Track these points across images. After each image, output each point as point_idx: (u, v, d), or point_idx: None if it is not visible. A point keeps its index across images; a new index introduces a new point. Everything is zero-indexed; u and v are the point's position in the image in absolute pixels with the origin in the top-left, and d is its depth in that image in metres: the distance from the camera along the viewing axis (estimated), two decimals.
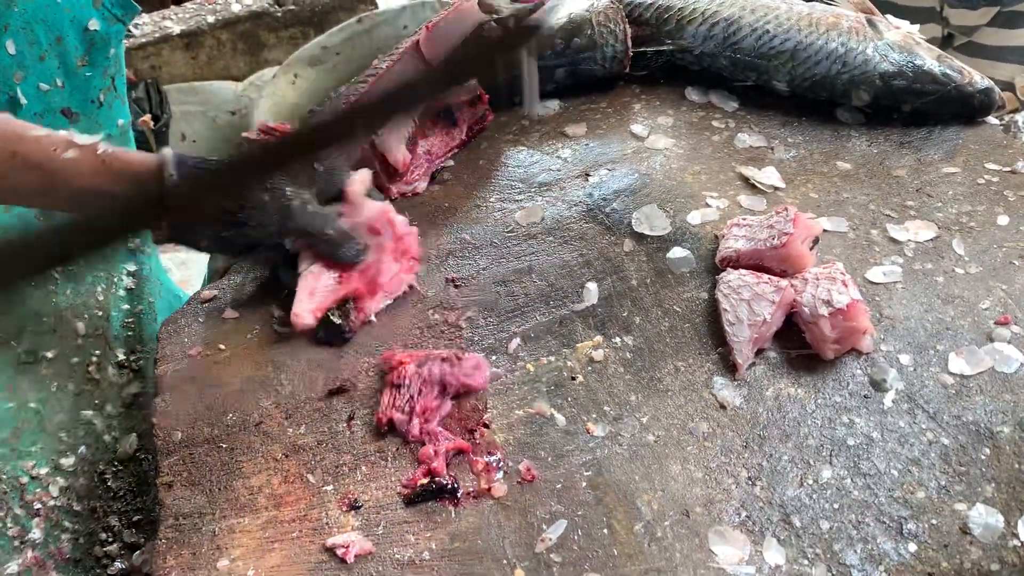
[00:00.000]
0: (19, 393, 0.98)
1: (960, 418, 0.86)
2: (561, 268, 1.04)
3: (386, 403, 0.89)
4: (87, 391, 1.05)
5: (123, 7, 1.06)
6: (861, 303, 0.91)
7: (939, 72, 1.19)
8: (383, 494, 0.83)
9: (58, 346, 1.03)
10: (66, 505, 0.98)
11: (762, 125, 1.25)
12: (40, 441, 0.98)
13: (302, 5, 2.61)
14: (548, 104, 1.32)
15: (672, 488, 0.82)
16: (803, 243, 0.97)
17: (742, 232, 1.01)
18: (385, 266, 1.00)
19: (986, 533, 0.78)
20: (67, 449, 1.00)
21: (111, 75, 1.08)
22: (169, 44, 2.48)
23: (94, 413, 1.04)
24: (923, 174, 1.15)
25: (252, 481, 0.85)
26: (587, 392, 0.91)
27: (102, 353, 1.07)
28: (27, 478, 0.95)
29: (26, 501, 0.95)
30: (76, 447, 1.01)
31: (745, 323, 0.92)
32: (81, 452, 1.01)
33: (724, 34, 1.26)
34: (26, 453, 0.96)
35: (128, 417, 1.08)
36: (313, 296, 0.97)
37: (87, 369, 1.05)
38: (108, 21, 1.04)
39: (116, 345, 1.10)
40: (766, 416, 0.88)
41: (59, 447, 1.00)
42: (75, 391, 1.03)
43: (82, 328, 1.06)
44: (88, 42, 1.02)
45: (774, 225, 0.98)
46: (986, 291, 0.98)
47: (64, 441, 1.00)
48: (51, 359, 1.01)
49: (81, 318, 1.06)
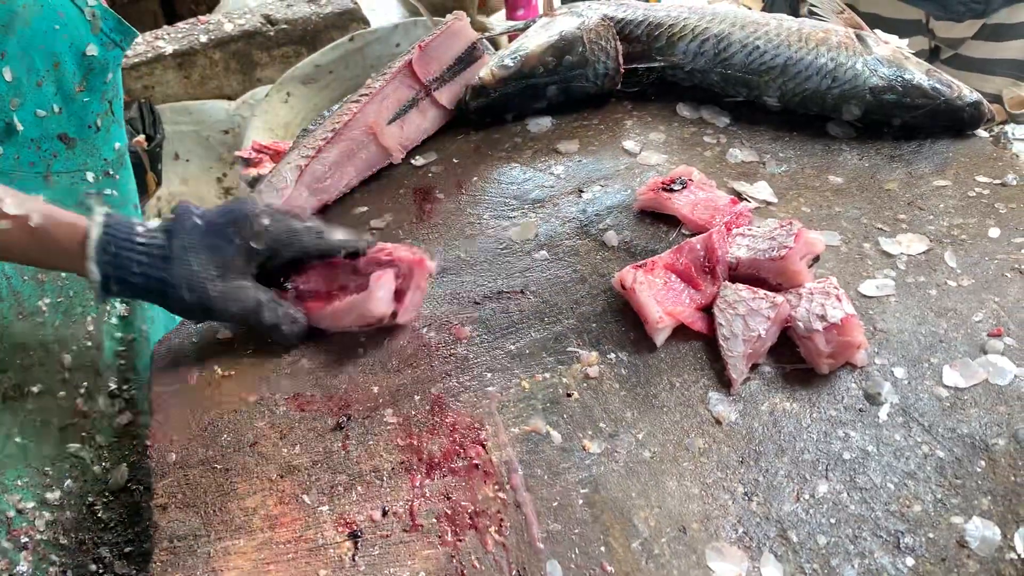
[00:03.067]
0: (3, 428, 0.97)
1: (955, 431, 0.86)
2: (555, 284, 1.04)
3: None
4: (73, 424, 1.04)
5: (121, 32, 1.06)
6: (855, 318, 0.92)
7: (928, 86, 1.20)
8: (378, 514, 0.82)
9: (43, 380, 1.02)
10: (52, 539, 0.97)
11: (753, 140, 1.25)
12: (25, 475, 0.97)
13: (294, 24, 2.63)
14: (540, 121, 1.32)
15: (669, 504, 0.82)
16: (802, 259, 0.98)
17: (745, 241, 1.01)
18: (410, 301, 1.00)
19: (983, 546, 0.77)
20: (52, 483, 1.00)
21: (109, 99, 1.08)
22: (162, 64, 2.49)
23: (80, 447, 1.03)
24: (914, 187, 1.15)
25: (247, 502, 0.85)
26: (583, 409, 0.90)
27: (91, 384, 1.07)
28: (13, 512, 0.95)
29: (13, 535, 0.94)
30: (62, 481, 1.00)
31: (740, 338, 0.92)
32: (67, 486, 1.00)
33: (715, 50, 1.27)
34: (11, 487, 0.96)
35: (119, 448, 1.07)
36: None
37: (75, 401, 1.04)
38: (106, 46, 1.04)
39: (108, 375, 1.10)
40: (762, 431, 0.87)
41: (44, 481, 0.99)
42: (59, 425, 1.03)
43: (68, 360, 1.05)
44: (86, 67, 1.03)
45: (775, 237, 0.99)
46: (979, 303, 0.98)
47: (49, 475, 1.00)
48: (36, 394, 1.01)
49: (68, 350, 1.05)
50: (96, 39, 1.02)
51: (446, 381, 0.94)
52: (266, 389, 0.95)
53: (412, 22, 2.40)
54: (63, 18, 0.99)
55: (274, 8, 2.67)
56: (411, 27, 2.36)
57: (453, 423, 0.90)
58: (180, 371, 0.98)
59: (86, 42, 1.02)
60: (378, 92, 1.27)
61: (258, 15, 2.62)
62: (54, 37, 0.98)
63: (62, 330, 1.05)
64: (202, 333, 1.03)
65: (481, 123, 1.33)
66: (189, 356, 1.00)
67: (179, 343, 1.02)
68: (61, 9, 0.99)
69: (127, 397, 1.11)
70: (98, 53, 1.03)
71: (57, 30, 0.98)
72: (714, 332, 0.95)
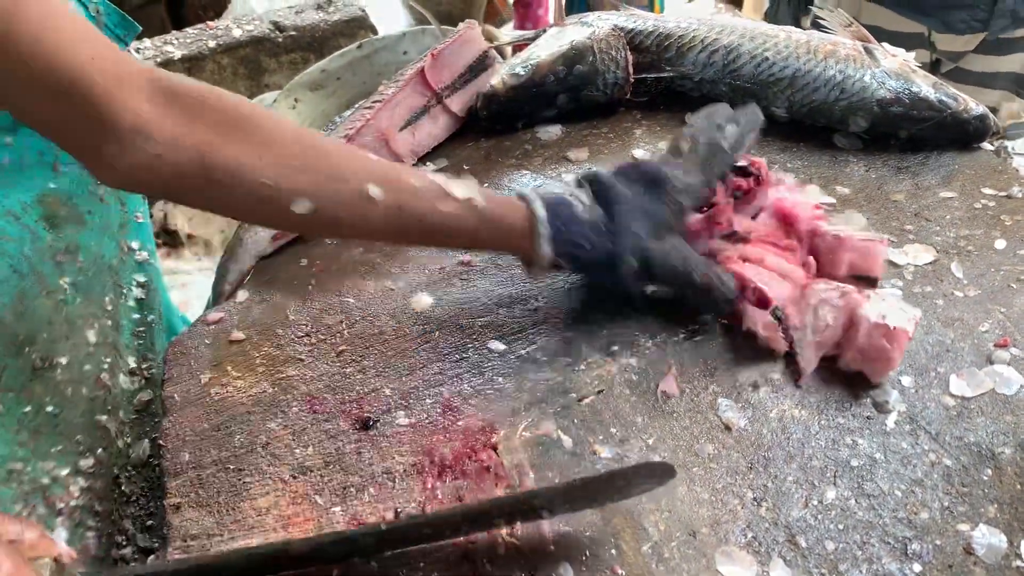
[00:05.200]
0: (35, 398, 0.98)
1: (962, 439, 0.87)
2: (565, 291, 1.05)
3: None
4: (100, 396, 1.05)
5: (125, 27, 1.07)
6: (907, 335, 0.90)
7: (935, 99, 1.21)
8: (391, 516, 0.83)
9: (70, 353, 1.03)
10: (88, 504, 0.98)
11: (761, 151, 1.27)
12: (58, 444, 0.98)
13: (302, 30, 2.65)
14: (550, 129, 1.34)
15: (679, 509, 0.82)
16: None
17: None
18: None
19: (990, 553, 0.78)
20: (85, 450, 1.00)
21: None
22: (170, 69, 2.50)
23: (108, 417, 1.04)
24: (921, 199, 1.16)
25: (260, 502, 0.85)
26: (593, 414, 0.91)
27: (113, 361, 1.08)
28: (48, 479, 0.95)
29: (49, 502, 0.95)
30: (94, 449, 1.01)
31: (809, 328, 0.93)
32: (99, 454, 1.01)
33: (724, 61, 1.28)
34: (46, 455, 0.97)
35: (140, 423, 1.08)
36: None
37: (99, 375, 1.05)
38: None
39: (127, 353, 1.11)
40: (770, 437, 0.88)
41: (77, 449, 1.00)
42: (89, 396, 1.03)
43: (93, 337, 1.06)
44: None
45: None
46: (985, 314, 0.99)
47: (81, 443, 1.00)
48: (65, 365, 1.02)
49: (91, 327, 1.07)
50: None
51: (457, 384, 0.95)
52: (279, 391, 0.96)
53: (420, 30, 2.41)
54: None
55: (283, 14, 2.68)
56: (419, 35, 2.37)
57: (465, 426, 0.91)
58: (193, 372, 0.99)
59: None
60: (390, 99, 1.28)
61: (267, 21, 2.64)
62: None
63: (83, 308, 1.06)
64: (214, 335, 1.04)
65: (492, 129, 1.34)
66: (202, 357, 1.01)
67: (191, 344, 1.03)
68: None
69: (147, 376, 1.11)
70: None
71: None
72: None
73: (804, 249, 1.01)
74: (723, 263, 0.98)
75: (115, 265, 1.13)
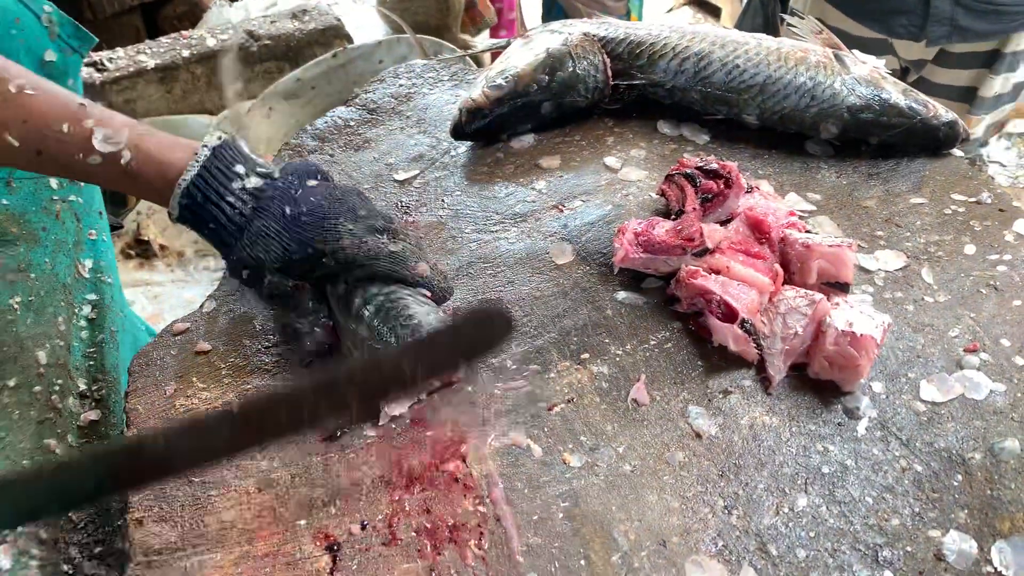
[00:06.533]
0: None
1: (932, 445, 0.87)
2: (536, 298, 1.04)
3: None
4: (49, 419, 1.03)
5: (79, 38, 1.05)
6: (875, 343, 0.90)
7: (905, 105, 1.22)
8: (357, 528, 0.82)
9: (20, 375, 1.01)
10: (31, 532, 0.95)
11: (733, 158, 1.26)
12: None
13: (277, 40, 2.63)
14: (523, 138, 1.33)
15: (649, 518, 0.82)
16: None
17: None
18: None
19: (960, 559, 0.78)
20: None
21: None
22: (144, 78, 2.48)
23: (56, 441, 1.02)
24: (891, 205, 1.17)
25: (224, 516, 0.84)
26: (563, 422, 0.90)
27: (63, 383, 1.06)
28: None
29: None
30: None
31: (778, 336, 0.92)
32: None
33: (695, 69, 1.28)
34: None
35: (88, 447, 1.06)
36: None
37: (49, 398, 1.03)
38: (64, 52, 1.03)
39: (77, 375, 1.09)
40: (741, 445, 0.88)
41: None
42: (37, 419, 1.01)
43: (43, 358, 1.04)
44: (45, 74, 1.01)
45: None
46: (955, 319, 0.99)
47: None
48: (12, 387, 1.00)
49: (42, 347, 1.05)
50: (54, 45, 1.02)
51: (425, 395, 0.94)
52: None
53: (395, 39, 2.41)
54: (19, 24, 0.98)
55: (257, 24, 2.67)
56: (394, 44, 2.37)
57: (433, 437, 0.89)
58: (158, 383, 0.98)
59: (44, 47, 1.01)
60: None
61: (241, 31, 2.63)
62: (10, 41, 0.97)
63: (34, 328, 1.04)
64: (180, 345, 1.02)
65: (476, 142, 1.33)
66: (167, 368, 1.00)
67: (157, 355, 1.02)
68: (17, 15, 0.98)
69: (97, 397, 1.09)
70: (57, 59, 1.02)
71: (13, 35, 0.97)
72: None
73: (775, 257, 1.01)
74: (690, 277, 0.98)
75: (69, 283, 1.11)
